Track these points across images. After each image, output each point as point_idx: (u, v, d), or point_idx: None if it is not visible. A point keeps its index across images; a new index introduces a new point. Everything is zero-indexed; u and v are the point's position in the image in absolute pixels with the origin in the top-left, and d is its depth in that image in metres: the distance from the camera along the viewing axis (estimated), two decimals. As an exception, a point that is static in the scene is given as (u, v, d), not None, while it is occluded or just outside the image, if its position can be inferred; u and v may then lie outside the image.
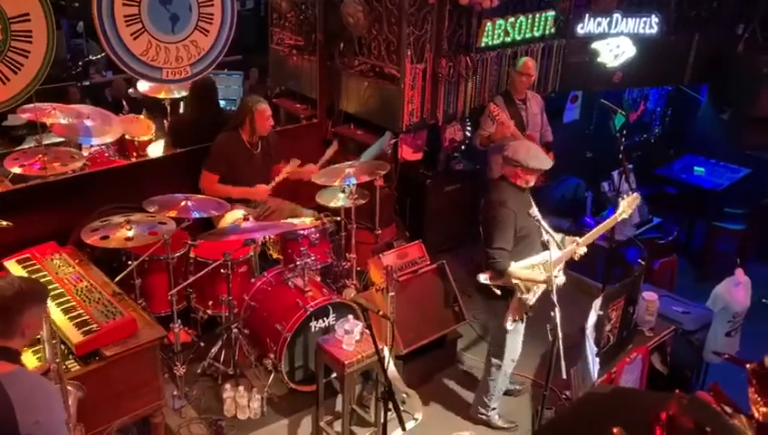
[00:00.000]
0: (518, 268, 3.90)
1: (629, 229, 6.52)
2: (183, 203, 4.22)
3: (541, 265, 3.96)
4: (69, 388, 2.91)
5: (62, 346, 3.41)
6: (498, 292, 4.00)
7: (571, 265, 4.39)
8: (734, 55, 6.62)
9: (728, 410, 1.06)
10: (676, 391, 1.06)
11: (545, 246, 3.75)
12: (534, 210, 3.88)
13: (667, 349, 4.80)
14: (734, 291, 5.08)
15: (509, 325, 4.06)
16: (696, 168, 7.47)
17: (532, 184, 4.03)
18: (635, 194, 4.31)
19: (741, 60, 6.59)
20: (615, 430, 1.10)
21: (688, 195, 7.21)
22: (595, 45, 6.28)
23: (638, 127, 8.18)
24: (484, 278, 3.97)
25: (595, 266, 5.90)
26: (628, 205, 4.19)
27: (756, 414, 1.02)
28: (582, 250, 4.08)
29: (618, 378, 4.36)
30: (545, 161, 3.98)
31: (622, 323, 4.38)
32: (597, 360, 4.06)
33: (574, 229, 6.40)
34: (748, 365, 1.06)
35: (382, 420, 3.24)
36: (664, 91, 8.27)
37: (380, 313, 2.99)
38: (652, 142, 8.47)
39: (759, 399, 1.00)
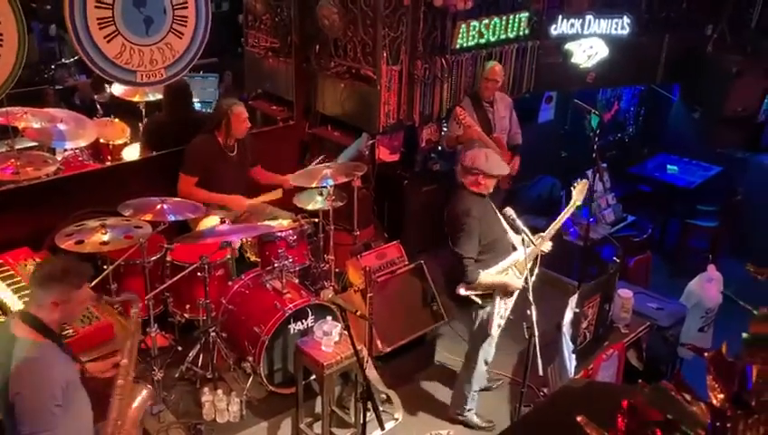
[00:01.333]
0: (488, 275, 3.94)
1: (604, 228, 6.60)
2: (158, 206, 4.18)
3: (513, 265, 4.02)
4: (144, 392, 3.03)
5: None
6: (479, 301, 4.03)
7: (547, 264, 4.44)
8: (704, 55, 6.74)
9: (688, 397, 1.09)
10: (640, 380, 1.09)
11: (515, 248, 3.79)
12: (509, 210, 3.91)
13: (643, 345, 4.85)
14: (707, 287, 5.17)
15: (494, 330, 4.11)
16: (669, 166, 7.58)
17: (491, 190, 4.07)
18: (583, 180, 4.45)
19: (710, 60, 6.71)
20: (579, 419, 1.13)
21: (662, 193, 7.30)
22: (568, 46, 6.34)
23: (612, 126, 8.29)
24: (463, 291, 3.99)
25: (571, 265, 5.97)
26: (579, 192, 4.34)
27: (714, 401, 1.05)
28: (548, 246, 4.15)
29: (594, 374, 4.40)
30: (503, 166, 4.07)
31: (598, 320, 4.43)
32: (573, 357, 4.10)
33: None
34: (706, 353, 1.10)
35: (362, 421, 3.24)
36: (637, 90, 8.38)
37: (358, 313, 3.00)
38: (626, 141, 8.58)
39: (716, 385, 1.04)
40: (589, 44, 6.35)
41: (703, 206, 7.18)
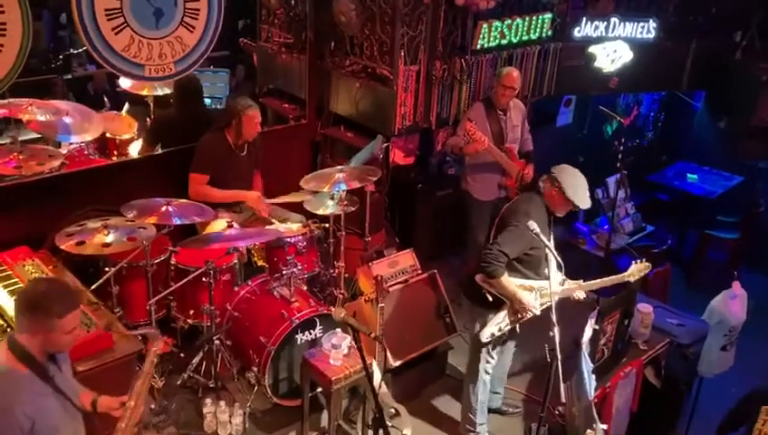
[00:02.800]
0: (510, 281, 3.77)
1: (622, 238, 6.42)
2: (164, 208, 3.99)
3: (538, 290, 3.86)
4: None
5: (33, 360, 3.22)
6: (490, 298, 3.86)
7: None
8: (733, 62, 6.53)
9: None
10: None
11: (547, 277, 3.65)
12: (532, 223, 3.68)
13: (662, 362, 4.68)
14: (731, 304, 4.97)
15: (485, 337, 3.94)
16: (689, 175, 7.39)
17: (560, 214, 3.89)
18: (647, 263, 4.26)
19: (739, 67, 6.51)
20: None
21: (680, 202, 7.13)
22: (592, 49, 6.21)
23: (631, 132, 8.08)
24: (480, 279, 3.83)
25: (587, 276, 5.79)
26: (637, 271, 4.16)
27: None
28: (582, 295, 4.01)
29: (612, 392, 4.24)
30: (585, 200, 3.81)
31: (617, 336, 4.27)
32: (593, 377, 3.92)
33: (566, 237, 6.31)
34: None
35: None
36: (657, 96, 8.18)
37: (372, 335, 2.82)
38: (645, 147, 8.38)
39: None
40: (613, 48, 6.20)
41: (723, 217, 6.99)
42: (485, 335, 3.93)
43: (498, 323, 3.92)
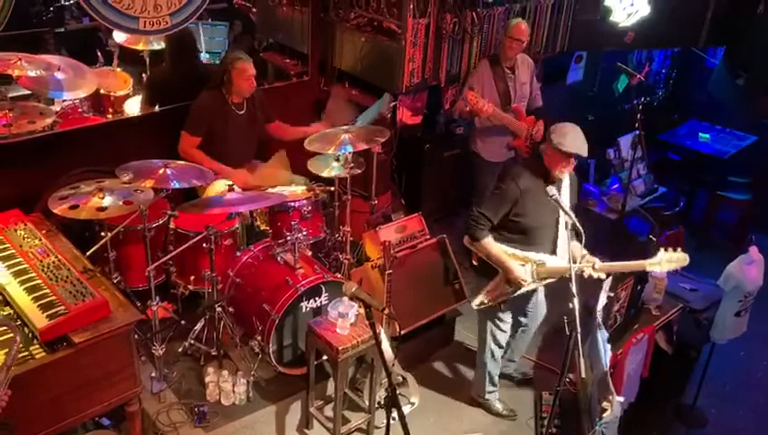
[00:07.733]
0: (497, 246, 3.65)
1: (634, 199, 6.25)
2: (161, 171, 3.78)
3: (534, 263, 3.69)
4: None
5: (26, 330, 3.08)
6: (474, 262, 3.80)
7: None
8: (754, 17, 6.24)
9: None
10: None
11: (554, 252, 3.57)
12: (551, 189, 3.45)
13: (674, 328, 4.58)
14: (747, 269, 4.83)
15: (475, 304, 3.87)
16: (701, 134, 7.17)
17: (565, 172, 3.63)
18: (684, 255, 3.77)
19: (761, 22, 6.21)
20: None
21: (691, 162, 6.92)
22: (608, 2, 5.93)
23: (641, 89, 7.83)
24: (467, 242, 3.75)
25: (597, 238, 5.65)
26: (667, 261, 3.71)
27: None
28: (601, 275, 3.68)
29: (623, 359, 4.15)
30: (579, 147, 3.52)
31: (630, 302, 4.15)
32: (609, 347, 3.80)
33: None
34: None
35: (384, 423, 2.95)
36: (669, 52, 7.90)
37: (385, 311, 2.67)
38: (655, 105, 8.13)
39: None
40: (630, 1, 5.90)
41: (735, 177, 6.80)
42: (475, 302, 3.88)
43: (489, 290, 3.82)
